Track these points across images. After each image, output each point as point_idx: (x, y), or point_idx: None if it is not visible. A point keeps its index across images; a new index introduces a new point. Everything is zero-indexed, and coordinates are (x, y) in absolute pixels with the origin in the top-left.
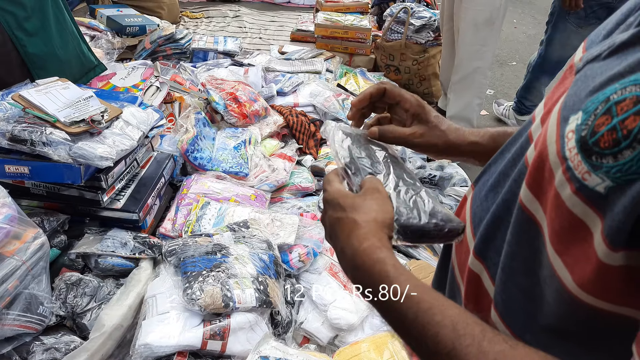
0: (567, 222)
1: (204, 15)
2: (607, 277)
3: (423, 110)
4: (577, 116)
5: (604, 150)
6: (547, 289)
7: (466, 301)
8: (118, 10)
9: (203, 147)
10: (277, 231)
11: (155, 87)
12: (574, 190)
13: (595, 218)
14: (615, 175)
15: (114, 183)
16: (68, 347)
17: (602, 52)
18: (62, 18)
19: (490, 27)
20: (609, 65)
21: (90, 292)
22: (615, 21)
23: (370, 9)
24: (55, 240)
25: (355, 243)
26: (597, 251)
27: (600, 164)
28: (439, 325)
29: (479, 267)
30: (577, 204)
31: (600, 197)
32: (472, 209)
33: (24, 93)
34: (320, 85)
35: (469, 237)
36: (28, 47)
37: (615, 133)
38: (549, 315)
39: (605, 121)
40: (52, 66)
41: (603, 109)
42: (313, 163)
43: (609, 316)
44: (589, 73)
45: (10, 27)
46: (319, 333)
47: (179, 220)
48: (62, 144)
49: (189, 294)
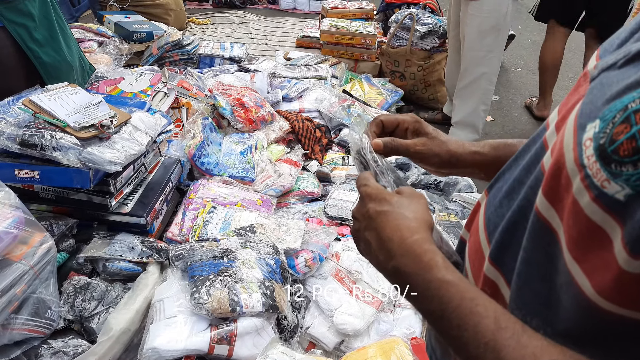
0: (586, 229)
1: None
2: (628, 284)
3: (421, 125)
4: (594, 124)
5: (624, 159)
6: (564, 295)
7: None
8: (126, 16)
9: (210, 152)
10: (283, 236)
11: (163, 93)
12: (592, 197)
13: (615, 226)
14: (635, 183)
15: (122, 187)
16: (76, 350)
17: (617, 61)
18: (63, 24)
19: (496, 34)
20: (626, 73)
21: (98, 296)
22: (629, 30)
23: (376, 16)
24: (64, 244)
25: (405, 233)
26: (618, 259)
27: (620, 172)
28: (480, 316)
29: (495, 274)
30: (596, 212)
31: (619, 204)
32: (485, 215)
33: (34, 98)
34: (325, 91)
35: (484, 243)
36: (42, 57)
37: (635, 141)
38: (565, 321)
39: (624, 129)
40: (64, 73)
41: (621, 117)
42: (319, 168)
43: (629, 322)
44: (605, 81)
45: (24, 40)
46: (325, 338)
47: (186, 224)
48: (72, 148)
49: (196, 298)
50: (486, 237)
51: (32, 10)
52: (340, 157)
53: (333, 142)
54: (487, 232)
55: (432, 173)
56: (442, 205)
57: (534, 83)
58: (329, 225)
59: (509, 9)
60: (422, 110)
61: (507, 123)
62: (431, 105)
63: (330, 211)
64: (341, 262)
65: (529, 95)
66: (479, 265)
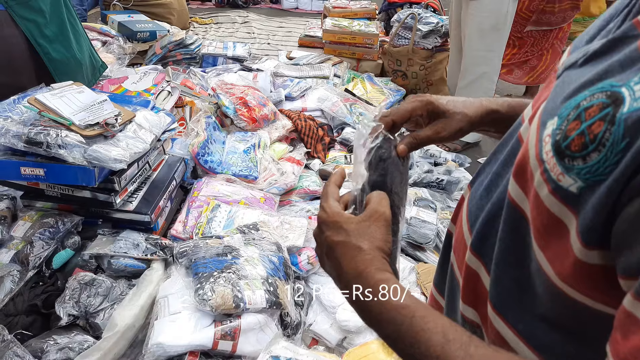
0: (547, 219)
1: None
2: (585, 273)
3: (433, 106)
4: (553, 121)
5: (575, 154)
6: (536, 280)
7: (464, 296)
8: (129, 16)
9: (213, 151)
10: (286, 234)
11: (167, 92)
12: (550, 190)
13: (571, 217)
14: (585, 176)
15: (127, 185)
16: (81, 346)
17: (578, 60)
18: (74, 21)
19: (497, 33)
20: (583, 72)
21: (103, 292)
22: (597, 26)
23: (378, 15)
24: (69, 241)
25: (360, 266)
26: (573, 248)
27: (572, 166)
28: (430, 332)
29: (477, 264)
30: (554, 204)
31: (574, 196)
32: (468, 208)
33: (40, 96)
34: (328, 90)
35: (466, 235)
36: (52, 54)
37: (584, 137)
38: (540, 305)
39: (575, 126)
40: (73, 70)
41: (574, 114)
42: (321, 167)
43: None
44: (566, 79)
45: (33, 36)
46: (327, 335)
47: (189, 222)
48: (77, 146)
49: (200, 295)
50: (468, 228)
51: (42, 7)
52: (342, 155)
53: (335, 140)
54: (469, 224)
55: None
56: (444, 204)
57: None
58: None
59: (509, 9)
60: None
61: None
62: None
63: None
64: None
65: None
66: (462, 255)
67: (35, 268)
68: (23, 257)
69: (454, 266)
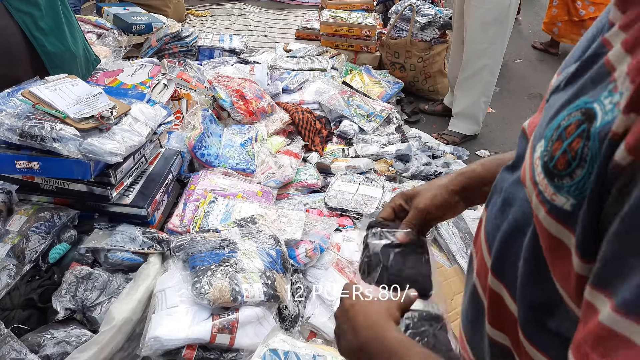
0: (548, 241)
1: (210, 14)
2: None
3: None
4: (540, 144)
5: (562, 172)
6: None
7: (491, 320)
8: (124, 8)
9: (210, 144)
10: (284, 227)
11: (163, 85)
12: (546, 211)
13: (569, 235)
14: (574, 192)
15: (123, 179)
16: (79, 340)
17: (561, 83)
18: (69, 14)
19: (499, 26)
20: (565, 94)
21: (100, 286)
22: (582, 47)
23: (376, 7)
24: (65, 235)
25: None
26: (574, 264)
27: (562, 184)
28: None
29: (499, 286)
30: (552, 224)
31: (568, 214)
32: (485, 229)
33: (34, 89)
34: (325, 83)
35: (486, 256)
36: (47, 46)
37: (567, 155)
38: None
39: (558, 146)
40: (68, 63)
41: (556, 134)
42: (319, 160)
43: None
44: (552, 103)
45: (29, 28)
46: (325, 328)
47: (186, 216)
48: (72, 139)
49: (197, 288)
50: (487, 249)
51: (38, 0)
52: (340, 148)
53: (333, 133)
54: (487, 245)
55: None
56: None
57: (535, 74)
58: (329, 216)
59: (512, 1)
60: (422, 102)
61: (508, 114)
62: (431, 97)
63: (330, 202)
64: (341, 252)
65: (530, 87)
66: (485, 278)
67: (31, 262)
68: (19, 251)
69: (477, 289)
